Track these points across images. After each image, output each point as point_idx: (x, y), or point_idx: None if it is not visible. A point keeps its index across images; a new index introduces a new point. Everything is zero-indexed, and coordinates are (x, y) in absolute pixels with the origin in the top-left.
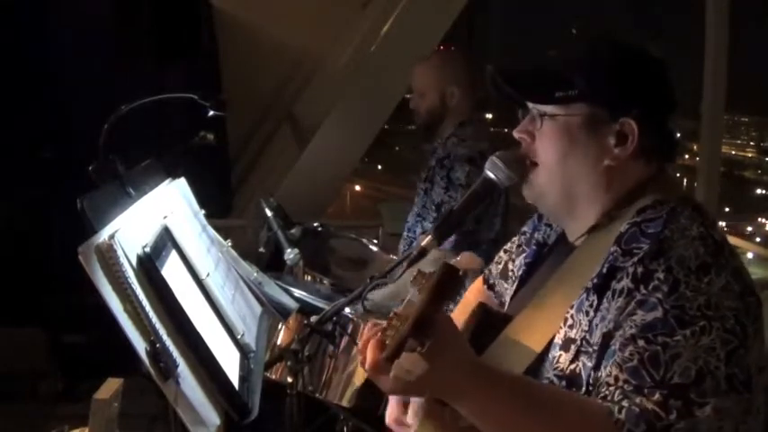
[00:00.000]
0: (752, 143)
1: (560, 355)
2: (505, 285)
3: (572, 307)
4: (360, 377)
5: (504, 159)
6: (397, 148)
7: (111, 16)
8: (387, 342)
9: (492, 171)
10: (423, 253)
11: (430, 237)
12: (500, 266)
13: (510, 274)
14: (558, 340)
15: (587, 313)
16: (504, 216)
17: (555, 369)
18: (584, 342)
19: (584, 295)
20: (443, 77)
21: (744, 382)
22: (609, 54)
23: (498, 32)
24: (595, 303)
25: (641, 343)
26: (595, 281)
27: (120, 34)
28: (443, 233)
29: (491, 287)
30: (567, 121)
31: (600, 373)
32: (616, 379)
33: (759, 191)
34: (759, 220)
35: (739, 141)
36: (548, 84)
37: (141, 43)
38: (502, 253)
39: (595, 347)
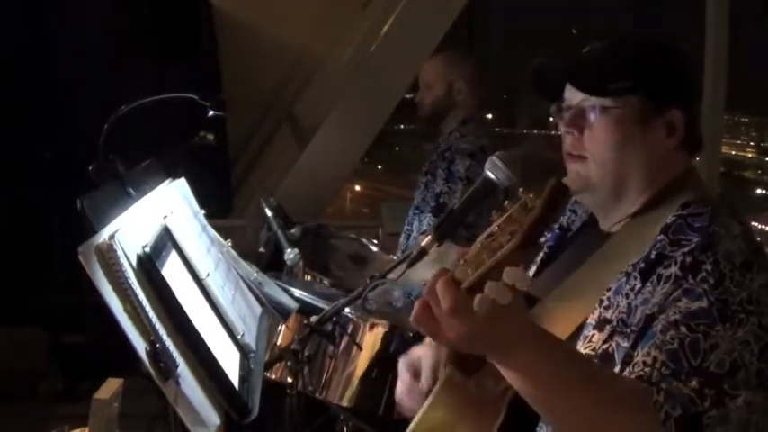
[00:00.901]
0: (752, 143)
1: (593, 335)
2: None
3: (609, 289)
4: (359, 377)
5: (504, 159)
6: (397, 148)
7: (111, 16)
8: (467, 274)
9: (492, 171)
10: (423, 253)
11: (430, 237)
12: None
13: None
14: (592, 320)
15: (627, 296)
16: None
17: (587, 348)
18: (620, 323)
19: (624, 279)
20: (452, 72)
21: None
22: (655, 48)
23: (498, 32)
24: (637, 287)
25: (683, 329)
26: (642, 265)
27: (120, 34)
28: (443, 233)
29: None
30: (621, 114)
31: (636, 352)
32: (654, 360)
33: (759, 191)
34: (757, 225)
35: (739, 141)
36: (602, 75)
37: (141, 43)
38: None
39: (634, 328)
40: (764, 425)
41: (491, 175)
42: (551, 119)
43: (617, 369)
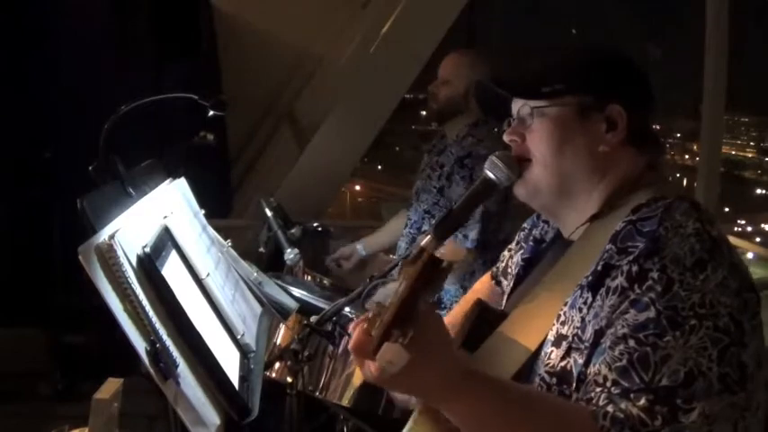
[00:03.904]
0: (752, 143)
1: (551, 352)
2: (506, 283)
3: (566, 304)
4: (359, 377)
5: (503, 159)
6: (397, 148)
7: (111, 16)
8: (372, 333)
9: (491, 171)
10: (422, 253)
11: (429, 237)
12: (503, 264)
13: (509, 270)
14: (551, 337)
15: (580, 310)
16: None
17: (546, 365)
18: (575, 339)
19: (579, 292)
20: (473, 74)
21: (738, 381)
22: (587, 50)
23: (498, 33)
24: (589, 300)
25: (632, 343)
26: (590, 278)
27: (120, 34)
28: (443, 233)
29: (498, 284)
30: (558, 113)
31: (588, 370)
32: (605, 379)
33: (759, 191)
34: (761, 225)
35: (739, 141)
36: (534, 80)
37: (141, 43)
38: (505, 251)
39: (587, 344)
40: (735, 428)
41: (491, 175)
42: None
43: (573, 387)
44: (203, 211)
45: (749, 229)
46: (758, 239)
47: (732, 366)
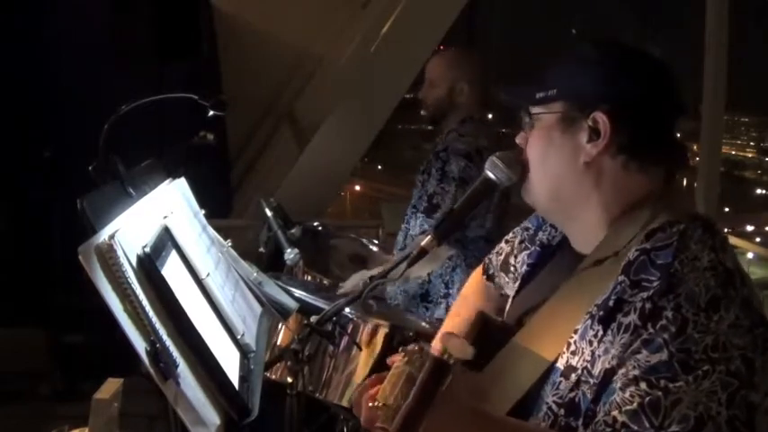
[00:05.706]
0: (752, 143)
1: (561, 382)
2: (506, 279)
3: (575, 332)
4: (360, 376)
5: (504, 159)
6: (397, 148)
7: (111, 16)
8: (378, 413)
9: (492, 171)
10: (423, 253)
11: (429, 237)
12: (501, 258)
13: (511, 268)
14: (560, 365)
15: (591, 343)
16: (498, 214)
17: (554, 395)
18: (585, 372)
19: (589, 323)
20: (456, 72)
21: (745, 423)
22: (587, 52)
23: (498, 32)
24: (600, 334)
25: (643, 386)
26: (601, 313)
27: (120, 34)
28: (443, 233)
29: (491, 278)
30: (546, 121)
31: (598, 409)
32: (614, 420)
33: (759, 191)
34: (752, 227)
35: (739, 141)
36: (532, 86)
37: (141, 43)
38: (503, 243)
39: (596, 381)
40: None
41: (491, 175)
42: None
43: (581, 421)
44: (203, 211)
45: (749, 229)
46: (758, 239)
47: (740, 409)
